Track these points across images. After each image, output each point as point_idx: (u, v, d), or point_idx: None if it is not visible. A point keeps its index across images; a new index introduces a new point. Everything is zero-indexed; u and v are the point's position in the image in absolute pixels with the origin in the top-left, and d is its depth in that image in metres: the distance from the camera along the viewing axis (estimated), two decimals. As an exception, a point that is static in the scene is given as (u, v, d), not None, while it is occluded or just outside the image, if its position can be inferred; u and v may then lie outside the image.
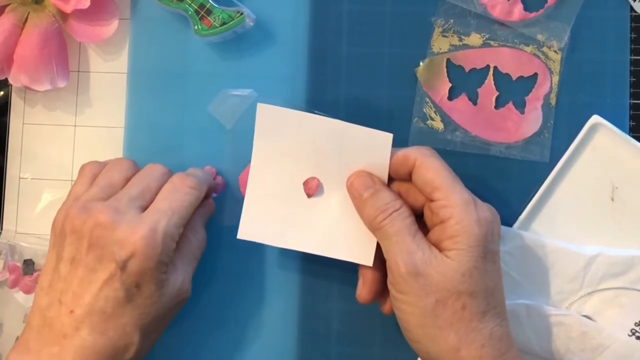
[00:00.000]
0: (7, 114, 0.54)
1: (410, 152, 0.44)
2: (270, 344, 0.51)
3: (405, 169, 0.44)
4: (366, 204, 0.44)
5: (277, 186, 0.46)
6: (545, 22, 0.50)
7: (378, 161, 0.45)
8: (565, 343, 0.47)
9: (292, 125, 0.45)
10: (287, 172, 0.46)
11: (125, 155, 0.52)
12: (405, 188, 0.45)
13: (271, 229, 0.46)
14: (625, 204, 0.49)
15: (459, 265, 0.41)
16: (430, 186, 0.42)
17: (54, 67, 0.51)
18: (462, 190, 0.42)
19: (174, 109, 0.52)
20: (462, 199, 0.42)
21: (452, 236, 0.41)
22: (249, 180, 0.46)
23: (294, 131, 0.45)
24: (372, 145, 0.44)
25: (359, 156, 0.45)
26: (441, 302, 0.40)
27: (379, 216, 0.43)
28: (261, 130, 0.45)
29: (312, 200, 0.46)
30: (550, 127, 0.50)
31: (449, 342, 0.40)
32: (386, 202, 0.43)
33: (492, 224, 0.42)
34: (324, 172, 0.46)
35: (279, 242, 0.46)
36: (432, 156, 0.44)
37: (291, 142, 0.45)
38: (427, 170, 0.43)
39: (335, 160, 0.45)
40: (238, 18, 0.50)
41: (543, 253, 0.48)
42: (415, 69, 0.51)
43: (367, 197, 0.44)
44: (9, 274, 0.52)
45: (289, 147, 0.46)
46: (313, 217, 0.46)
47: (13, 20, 0.51)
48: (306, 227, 0.46)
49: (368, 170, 0.45)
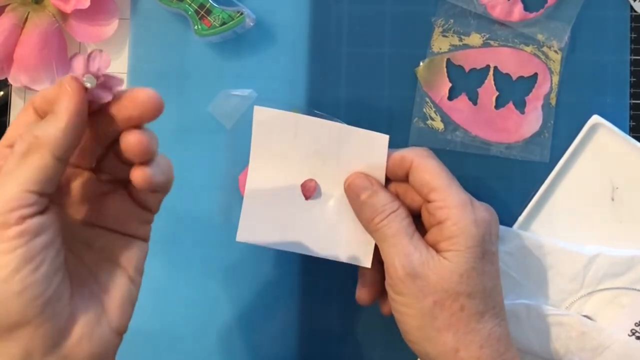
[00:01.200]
0: (7, 114, 0.54)
1: (407, 153, 0.44)
2: (270, 345, 0.51)
3: (402, 170, 0.44)
4: (364, 206, 0.44)
5: (275, 188, 0.46)
6: (546, 22, 0.50)
7: (375, 162, 0.45)
8: (565, 343, 0.47)
9: (289, 128, 0.45)
10: (284, 174, 0.46)
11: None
12: (402, 189, 0.45)
13: (270, 231, 0.46)
14: (625, 204, 0.49)
15: (457, 267, 0.41)
16: (427, 187, 0.42)
17: (54, 67, 0.51)
18: (459, 191, 0.42)
19: (174, 109, 0.52)
20: (459, 199, 0.42)
21: (449, 237, 0.41)
22: (247, 183, 0.46)
23: (291, 133, 0.45)
24: (369, 147, 0.44)
25: (356, 158, 0.45)
26: (439, 303, 0.40)
27: (376, 218, 0.43)
28: (258, 132, 0.45)
29: (310, 202, 0.46)
30: (551, 127, 0.50)
31: (447, 344, 0.40)
32: (383, 204, 0.43)
33: (490, 224, 0.42)
34: (321, 174, 0.46)
35: (278, 244, 0.46)
36: (429, 157, 0.44)
37: (288, 144, 0.45)
38: (423, 171, 0.43)
39: (333, 162, 0.45)
40: (238, 18, 0.50)
41: (543, 253, 0.48)
42: (415, 69, 0.51)
43: (364, 198, 0.44)
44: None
45: (286, 150, 0.46)
46: (311, 219, 0.46)
47: (13, 20, 0.51)
48: (304, 229, 0.46)
49: (365, 172, 0.45)
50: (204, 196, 0.51)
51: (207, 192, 0.51)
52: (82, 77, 0.32)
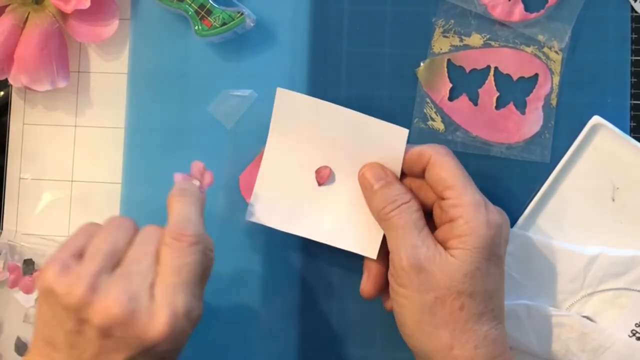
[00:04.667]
0: (8, 115, 0.54)
1: (425, 149, 0.44)
2: (270, 345, 0.51)
3: (419, 165, 0.44)
4: (376, 194, 0.44)
5: (289, 171, 0.46)
6: (546, 23, 0.50)
7: (392, 155, 0.45)
8: (565, 344, 0.47)
9: (309, 112, 0.45)
10: (300, 159, 0.46)
11: (126, 156, 0.52)
12: (417, 184, 0.45)
13: (279, 213, 0.46)
14: (626, 205, 0.49)
15: (462, 265, 0.41)
16: (443, 184, 0.43)
17: (54, 68, 0.51)
18: (474, 192, 0.42)
19: (174, 109, 0.52)
20: (474, 199, 0.42)
21: (459, 235, 0.41)
22: (262, 162, 0.46)
23: (311, 118, 0.45)
24: (388, 139, 0.45)
25: (373, 149, 0.45)
26: (440, 300, 0.41)
27: (387, 207, 0.43)
28: (278, 114, 0.46)
29: (323, 188, 0.46)
30: (551, 127, 0.50)
31: (442, 340, 0.41)
32: (396, 194, 0.43)
33: (501, 227, 0.42)
34: (336, 162, 0.46)
35: (286, 227, 0.46)
36: (447, 155, 0.44)
37: (307, 128, 0.45)
38: (441, 168, 0.43)
39: (349, 150, 0.45)
40: (238, 18, 0.50)
41: (544, 253, 0.48)
42: (415, 69, 0.51)
43: (377, 188, 0.44)
44: (9, 274, 0.52)
45: (304, 134, 0.46)
46: (322, 206, 0.46)
47: (13, 20, 0.51)
48: (314, 214, 0.46)
49: (381, 163, 0.45)
50: (204, 196, 0.51)
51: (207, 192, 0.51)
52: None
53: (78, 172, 0.53)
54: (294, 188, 0.46)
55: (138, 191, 0.52)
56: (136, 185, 0.52)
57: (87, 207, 0.53)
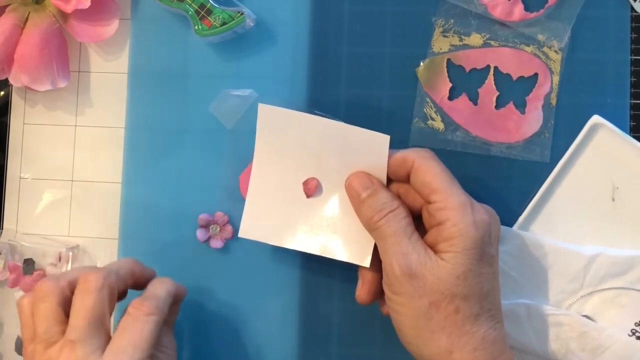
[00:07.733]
0: (8, 114, 0.54)
1: (408, 154, 0.44)
2: (270, 345, 0.51)
3: (403, 170, 0.44)
4: (364, 204, 0.44)
5: (278, 186, 0.46)
6: (546, 22, 0.50)
7: (376, 162, 0.45)
8: (565, 343, 0.47)
9: (292, 126, 0.45)
10: (287, 172, 0.46)
11: (126, 156, 0.52)
12: (404, 189, 0.45)
13: (271, 228, 0.46)
14: (625, 204, 0.49)
15: (454, 268, 0.41)
16: (428, 188, 0.42)
17: (55, 67, 0.51)
18: (460, 193, 0.42)
19: (174, 109, 0.52)
20: (459, 201, 0.42)
21: (448, 238, 0.41)
22: (250, 179, 0.46)
23: (295, 132, 0.45)
24: (370, 147, 0.44)
25: (358, 157, 0.45)
26: (434, 304, 0.40)
27: (376, 216, 0.43)
28: (262, 130, 0.46)
29: (311, 200, 0.46)
30: (551, 127, 0.50)
31: (441, 345, 0.40)
32: (383, 202, 0.43)
33: (490, 226, 0.42)
34: (323, 173, 0.46)
35: (279, 241, 0.46)
36: (431, 158, 0.44)
37: (292, 142, 0.46)
38: (424, 172, 0.43)
39: (335, 161, 0.45)
40: (238, 18, 0.50)
41: (543, 253, 0.48)
42: (415, 69, 0.51)
43: (365, 197, 0.44)
44: (9, 273, 0.52)
45: (289, 148, 0.46)
46: (312, 217, 0.46)
47: (14, 20, 0.51)
48: (305, 227, 0.46)
49: (367, 171, 0.45)
50: (204, 196, 0.51)
51: (207, 192, 0.51)
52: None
53: (78, 172, 0.53)
54: (283, 202, 0.46)
55: (138, 191, 0.52)
56: (136, 185, 0.52)
57: (87, 207, 0.53)
